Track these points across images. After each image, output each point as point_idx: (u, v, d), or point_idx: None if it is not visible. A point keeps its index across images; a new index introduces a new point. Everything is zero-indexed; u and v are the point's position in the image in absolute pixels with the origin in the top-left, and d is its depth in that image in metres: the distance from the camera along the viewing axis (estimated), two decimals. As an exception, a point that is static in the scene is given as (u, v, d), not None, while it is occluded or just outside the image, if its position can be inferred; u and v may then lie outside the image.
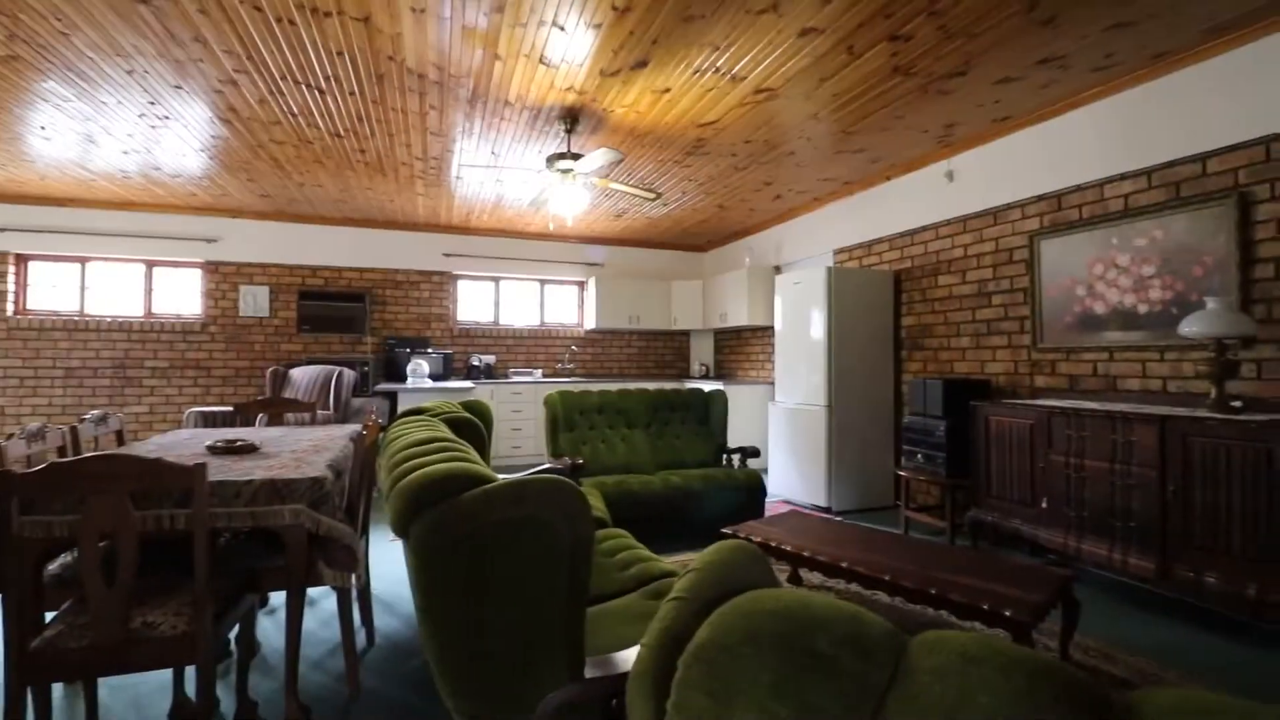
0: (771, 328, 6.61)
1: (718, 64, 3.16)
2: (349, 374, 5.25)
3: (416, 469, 1.38)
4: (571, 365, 7.53)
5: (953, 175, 4.47)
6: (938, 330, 4.67)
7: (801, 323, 5.09)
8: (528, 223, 6.69)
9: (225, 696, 2.11)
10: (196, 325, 6.18)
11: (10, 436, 1.95)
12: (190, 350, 6.14)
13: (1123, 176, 3.42)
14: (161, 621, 1.59)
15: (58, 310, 5.92)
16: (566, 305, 7.73)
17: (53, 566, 1.91)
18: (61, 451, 2.22)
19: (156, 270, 6.21)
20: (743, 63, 3.15)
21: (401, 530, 1.24)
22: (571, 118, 3.80)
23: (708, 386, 5.34)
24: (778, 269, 6.58)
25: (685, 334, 8.10)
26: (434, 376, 6.25)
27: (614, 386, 5.43)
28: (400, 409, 5.46)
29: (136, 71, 3.23)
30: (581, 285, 7.71)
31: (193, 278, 6.28)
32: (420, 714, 2.02)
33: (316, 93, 3.49)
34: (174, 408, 6.06)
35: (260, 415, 3.94)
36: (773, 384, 6.46)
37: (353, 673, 2.14)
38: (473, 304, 7.31)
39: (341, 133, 4.09)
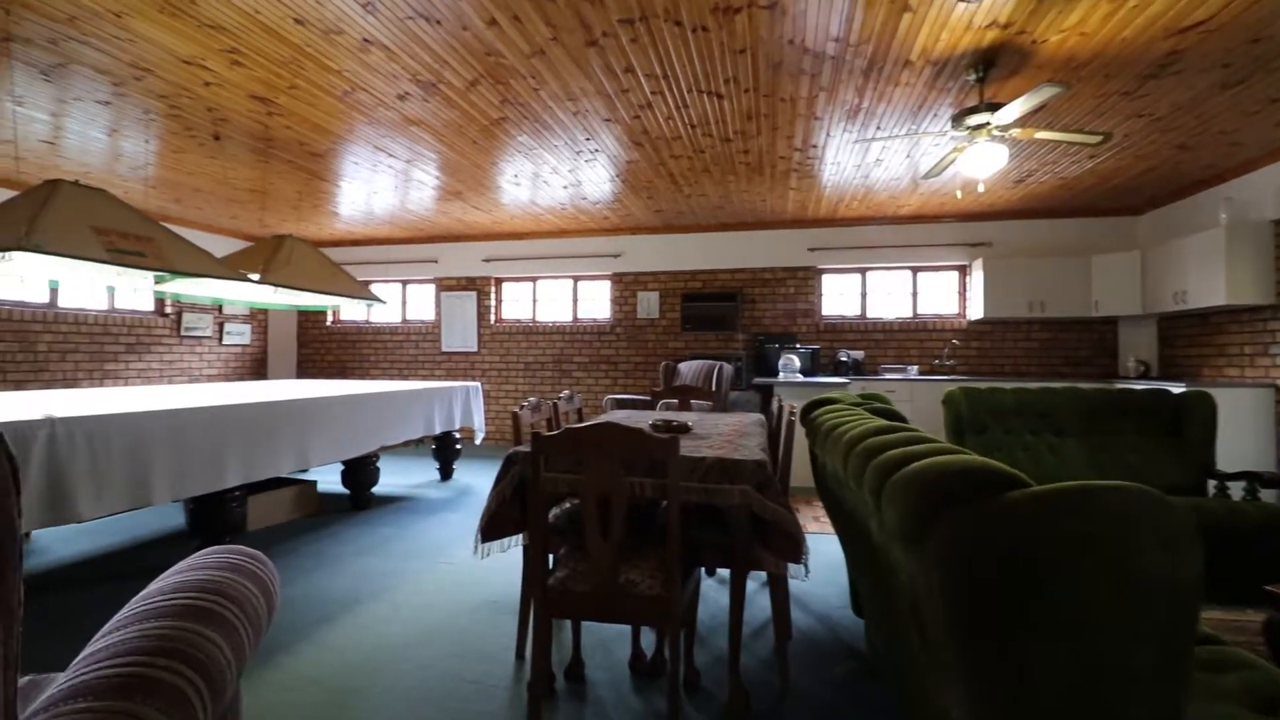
0: (1268, 306, 4.70)
1: (1238, -71, 2.26)
2: (728, 368, 5.54)
3: (912, 458, 1.19)
4: (952, 362, 6.63)
5: None
6: None
7: (1357, 293, 3.42)
8: (900, 205, 6.11)
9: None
10: (607, 327, 7.41)
11: (522, 407, 2.44)
12: (603, 348, 7.40)
13: None
14: (640, 580, 1.74)
15: (519, 318, 7.76)
16: (945, 294, 6.84)
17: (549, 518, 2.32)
18: (550, 423, 2.73)
19: (580, 284, 7.63)
20: (1286, -86, 2.18)
21: (915, 530, 1.05)
22: (985, 63, 3.23)
23: (1174, 389, 4.04)
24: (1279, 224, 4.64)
25: (1110, 322, 6.38)
26: (803, 372, 6.20)
27: (1033, 386, 4.52)
28: (774, 402, 5.52)
29: (580, 112, 3.88)
30: (963, 270, 6.73)
31: (603, 288, 7.55)
32: (861, 729, 1.85)
33: (715, 99, 3.69)
34: (593, 395, 7.37)
35: (660, 402, 4.40)
36: (1276, 385, 4.58)
37: (783, 664, 2.10)
38: (838, 298, 7.04)
39: (731, 136, 4.28)
